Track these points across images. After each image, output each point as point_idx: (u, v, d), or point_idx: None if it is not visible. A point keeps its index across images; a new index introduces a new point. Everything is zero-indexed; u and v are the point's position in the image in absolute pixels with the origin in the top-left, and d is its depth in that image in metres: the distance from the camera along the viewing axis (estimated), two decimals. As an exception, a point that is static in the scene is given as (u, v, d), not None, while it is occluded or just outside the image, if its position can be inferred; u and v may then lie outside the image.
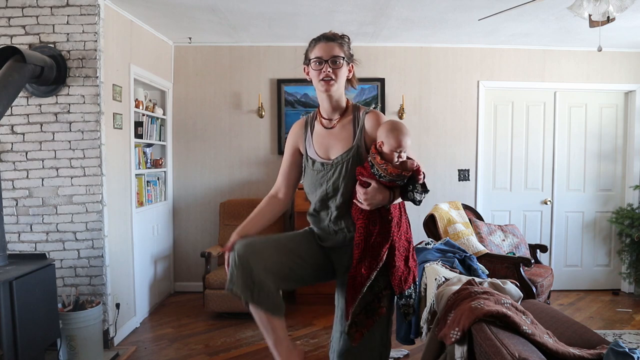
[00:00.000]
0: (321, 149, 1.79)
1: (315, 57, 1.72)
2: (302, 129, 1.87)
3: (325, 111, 1.81)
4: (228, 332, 3.72)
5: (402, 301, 1.77)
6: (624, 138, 4.90)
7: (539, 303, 2.55)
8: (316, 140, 1.81)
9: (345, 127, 1.78)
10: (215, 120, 4.75)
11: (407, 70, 4.77)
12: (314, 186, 1.78)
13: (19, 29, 3.19)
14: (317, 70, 1.71)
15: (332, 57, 1.70)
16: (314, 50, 1.74)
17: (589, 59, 4.78)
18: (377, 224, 1.67)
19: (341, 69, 1.72)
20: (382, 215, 1.68)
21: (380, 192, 1.63)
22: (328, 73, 1.69)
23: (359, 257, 1.66)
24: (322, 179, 1.75)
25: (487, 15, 3.33)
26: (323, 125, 1.82)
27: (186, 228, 4.82)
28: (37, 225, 3.23)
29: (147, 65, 4.11)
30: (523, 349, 1.59)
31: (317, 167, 1.77)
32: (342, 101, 1.80)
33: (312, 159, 1.80)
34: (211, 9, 3.65)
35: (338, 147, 1.76)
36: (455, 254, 3.16)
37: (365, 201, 1.64)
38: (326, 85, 1.71)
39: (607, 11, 2.47)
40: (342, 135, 1.77)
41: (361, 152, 1.73)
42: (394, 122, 1.70)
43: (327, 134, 1.79)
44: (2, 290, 2.37)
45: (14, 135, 3.21)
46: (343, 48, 1.74)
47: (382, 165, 1.61)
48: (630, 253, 4.70)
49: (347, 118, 1.79)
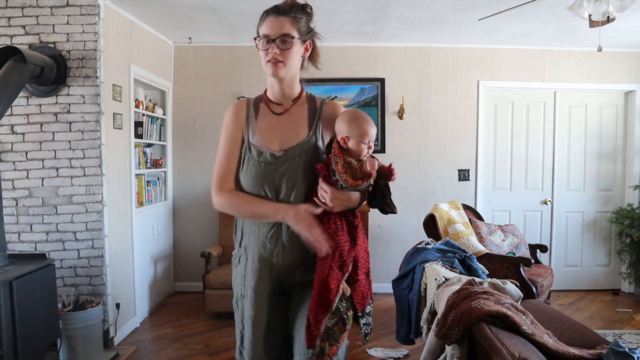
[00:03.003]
0: (269, 137, 1.51)
1: (262, 35, 1.46)
2: (244, 112, 1.55)
3: (274, 95, 1.55)
4: (228, 332, 3.72)
5: (364, 320, 1.53)
6: (624, 138, 4.90)
7: (539, 303, 2.55)
8: (262, 128, 1.52)
9: (298, 114, 1.54)
10: (215, 120, 4.74)
11: (407, 70, 4.77)
12: (259, 182, 1.47)
13: (19, 29, 3.19)
14: (263, 50, 1.47)
15: (280, 35, 1.44)
16: (262, 26, 1.48)
17: (589, 59, 4.78)
18: (344, 231, 1.45)
19: (291, 49, 1.45)
20: (348, 220, 1.48)
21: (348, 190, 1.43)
22: (275, 55, 1.44)
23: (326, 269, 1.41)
24: (273, 174, 1.46)
25: (487, 15, 3.33)
26: (271, 110, 1.55)
27: (186, 228, 4.82)
28: (37, 225, 3.23)
29: (147, 65, 4.11)
30: (523, 348, 1.59)
31: (266, 158, 1.47)
32: (294, 85, 1.56)
33: (257, 149, 1.49)
34: (211, 9, 3.65)
35: (291, 136, 1.50)
36: (455, 254, 3.16)
37: (331, 201, 1.41)
38: (273, 68, 1.46)
39: (607, 11, 2.47)
40: (296, 123, 1.52)
41: (319, 146, 1.51)
42: (355, 111, 1.51)
43: (277, 121, 1.53)
44: (2, 290, 2.37)
45: (14, 135, 3.21)
46: (298, 24, 1.47)
47: (343, 175, 1.40)
48: (630, 253, 4.70)
49: (302, 105, 1.56)
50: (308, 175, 1.47)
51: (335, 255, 1.41)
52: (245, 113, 1.55)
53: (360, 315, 1.52)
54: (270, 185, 1.47)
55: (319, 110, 1.54)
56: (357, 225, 1.49)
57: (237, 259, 1.59)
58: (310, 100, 1.58)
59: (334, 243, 1.41)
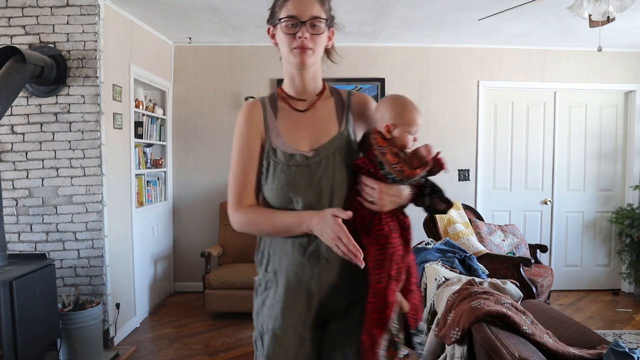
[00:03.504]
0: (295, 138, 1.30)
1: (287, 17, 1.23)
2: (260, 113, 1.34)
3: (295, 90, 1.34)
4: (228, 332, 3.72)
5: (418, 338, 1.31)
6: (624, 138, 4.90)
7: (539, 303, 2.55)
8: (286, 127, 1.32)
9: (325, 109, 1.35)
10: (215, 120, 4.75)
11: (407, 70, 4.77)
12: (291, 190, 1.26)
13: (19, 29, 3.19)
14: (289, 34, 1.24)
15: (311, 17, 1.23)
16: (285, 6, 1.25)
17: (589, 59, 4.78)
18: (397, 233, 1.25)
19: (321, 35, 1.26)
20: (399, 219, 1.28)
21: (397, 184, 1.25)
22: (305, 41, 1.23)
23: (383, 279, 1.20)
24: (308, 178, 1.26)
25: (487, 15, 3.33)
26: (293, 107, 1.34)
27: (186, 228, 4.82)
28: (37, 225, 3.23)
29: (147, 65, 4.11)
30: (523, 349, 1.59)
31: (296, 161, 1.26)
32: (318, 78, 1.36)
33: (284, 151, 1.28)
34: (211, 9, 3.65)
35: (320, 134, 1.31)
36: (455, 254, 3.16)
37: (381, 199, 1.23)
38: (301, 56, 1.25)
39: (607, 11, 2.47)
40: (324, 119, 1.34)
41: (352, 142, 1.33)
42: (400, 96, 1.31)
43: (302, 119, 1.33)
44: (2, 290, 2.37)
45: (14, 135, 3.21)
46: (324, 6, 1.28)
47: (396, 166, 1.21)
48: (630, 253, 4.70)
49: (327, 99, 1.37)
50: (347, 175, 1.28)
51: (393, 263, 1.21)
52: (261, 114, 1.33)
53: (414, 333, 1.30)
54: (304, 191, 1.25)
55: (347, 103, 1.36)
56: (408, 226, 1.29)
57: (263, 285, 1.35)
58: (335, 94, 1.39)
59: (390, 248, 1.21)
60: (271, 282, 1.32)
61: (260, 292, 1.36)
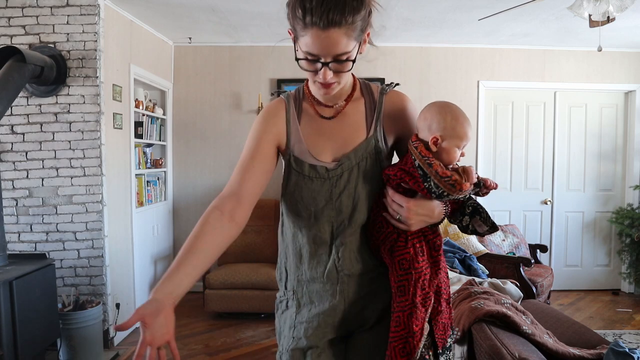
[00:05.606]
0: (318, 147, 1.19)
1: (306, 52, 1.06)
2: (282, 118, 1.22)
3: (322, 97, 1.21)
4: (228, 332, 3.72)
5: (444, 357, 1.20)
6: (624, 138, 4.90)
7: (539, 303, 2.55)
8: (307, 134, 1.20)
9: (354, 115, 1.22)
10: (215, 120, 4.75)
11: (407, 70, 4.77)
12: (313, 204, 1.17)
13: (19, 29, 3.19)
14: (311, 71, 1.10)
15: (335, 56, 1.05)
16: (304, 38, 1.04)
17: (589, 59, 4.78)
18: (425, 255, 1.15)
19: (349, 64, 1.09)
20: (427, 239, 1.16)
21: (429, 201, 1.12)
22: (329, 79, 1.09)
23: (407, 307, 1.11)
24: (328, 193, 1.16)
25: (487, 15, 3.33)
26: (319, 114, 1.22)
27: (186, 228, 4.81)
28: (37, 225, 3.23)
29: (147, 65, 4.11)
30: (523, 349, 1.59)
31: (319, 173, 1.17)
32: (347, 86, 1.22)
33: (304, 161, 1.18)
34: (211, 9, 3.65)
35: (344, 142, 1.19)
36: (455, 254, 3.16)
37: (409, 219, 1.10)
38: (325, 90, 1.13)
39: (607, 11, 2.47)
40: (352, 126, 1.20)
41: (380, 149, 1.19)
42: (452, 105, 1.17)
43: (327, 126, 1.21)
44: (2, 290, 2.37)
45: (14, 135, 3.21)
46: (354, 30, 1.05)
47: (448, 179, 1.06)
48: (630, 253, 4.70)
49: (357, 102, 1.23)
50: (372, 187, 1.17)
51: (417, 289, 1.10)
52: (283, 119, 1.21)
53: (441, 352, 1.18)
54: (323, 206, 1.16)
55: (378, 104, 1.22)
56: (439, 246, 1.17)
57: (285, 303, 1.29)
58: (366, 92, 1.25)
59: (415, 273, 1.11)
60: (292, 300, 1.27)
61: (282, 311, 1.30)
